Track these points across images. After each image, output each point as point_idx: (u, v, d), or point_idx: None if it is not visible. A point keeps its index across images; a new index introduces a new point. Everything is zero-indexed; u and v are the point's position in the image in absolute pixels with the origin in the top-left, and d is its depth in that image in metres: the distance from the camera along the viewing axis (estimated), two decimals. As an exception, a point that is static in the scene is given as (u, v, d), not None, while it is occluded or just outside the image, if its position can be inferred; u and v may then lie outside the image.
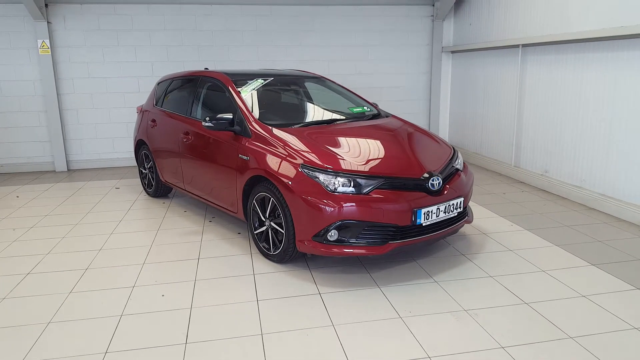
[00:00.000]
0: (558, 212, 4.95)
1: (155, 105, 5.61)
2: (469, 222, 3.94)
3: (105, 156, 7.71)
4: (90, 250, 4.17)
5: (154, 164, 5.52)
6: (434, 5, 8.04)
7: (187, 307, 3.14)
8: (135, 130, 6.00)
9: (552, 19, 5.61)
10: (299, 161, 3.51)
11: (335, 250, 3.36)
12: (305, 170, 3.45)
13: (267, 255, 3.88)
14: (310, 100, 4.87)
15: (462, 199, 3.68)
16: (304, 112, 4.71)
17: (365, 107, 4.77)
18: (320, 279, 3.51)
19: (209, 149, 4.43)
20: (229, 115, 4.12)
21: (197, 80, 5.00)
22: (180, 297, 3.27)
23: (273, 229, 3.76)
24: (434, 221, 3.48)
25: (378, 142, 3.91)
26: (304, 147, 3.65)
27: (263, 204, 3.83)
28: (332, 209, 3.28)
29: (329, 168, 3.42)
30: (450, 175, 3.75)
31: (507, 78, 6.60)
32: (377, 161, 3.60)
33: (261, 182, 3.81)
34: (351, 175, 3.38)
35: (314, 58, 7.94)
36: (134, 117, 7.54)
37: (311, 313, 3.04)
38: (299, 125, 4.16)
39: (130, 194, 6.04)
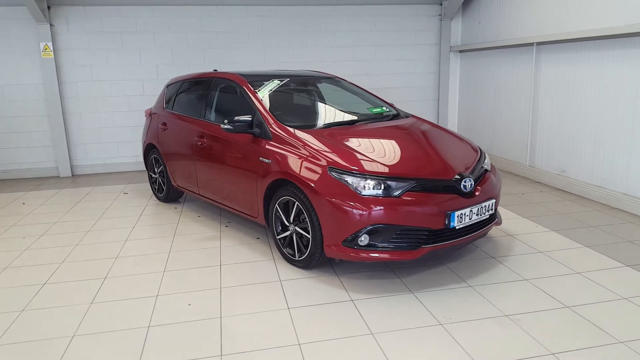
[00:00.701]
0: (581, 212, 4.86)
1: (166, 108, 5.47)
2: (499, 224, 3.85)
3: (110, 161, 7.55)
4: (106, 258, 4.03)
5: (165, 168, 5.38)
6: (441, 4, 7.96)
7: (217, 317, 3.01)
8: (144, 134, 5.86)
9: (569, 16, 5.54)
10: (326, 164, 3.40)
11: (365, 255, 3.24)
12: (333, 173, 3.33)
13: (291, 261, 3.76)
14: (328, 101, 4.75)
15: (493, 201, 3.58)
16: (323, 113, 4.60)
17: (384, 107, 4.67)
18: (349, 285, 3.39)
19: (226, 152, 4.31)
20: (249, 117, 4.00)
21: (210, 82, 4.87)
22: (208, 306, 3.14)
23: (298, 233, 3.64)
24: (467, 224, 3.37)
25: (404, 142, 3.80)
26: (329, 149, 3.53)
27: (286, 208, 3.71)
28: (363, 212, 3.17)
29: (358, 170, 3.31)
30: (480, 176, 3.65)
31: (520, 77, 6.53)
32: (406, 162, 3.49)
33: (284, 185, 3.69)
34: (381, 177, 3.27)
35: (321, 59, 7.83)
36: (139, 121, 7.42)
37: (347, 321, 2.92)
38: (320, 126, 4.05)
39: (139, 199, 5.89)
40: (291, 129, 3.83)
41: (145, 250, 4.19)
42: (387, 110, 4.63)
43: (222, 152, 4.36)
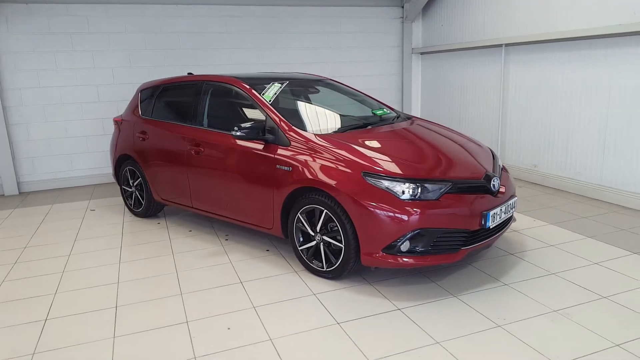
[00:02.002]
0: (566, 204, 5.13)
1: (143, 115, 5.04)
2: (515, 221, 3.93)
3: (63, 175, 6.85)
4: (106, 284, 3.61)
5: (145, 180, 4.95)
6: (403, 7, 8.09)
7: (266, 339, 2.78)
8: (114, 145, 5.37)
9: (538, 19, 5.82)
10: (359, 169, 3.28)
11: (406, 261, 3.15)
12: (369, 178, 3.22)
13: (317, 272, 3.59)
14: (331, 104, 4.61)
15: (516, 198, 3.65)
16: (331, 117, 4.42)
17: (384, 109, 4.62)
18: (389, 293, 3.30)
19: (231, 161, 4.04)
20: (261, 123, 3.78)
21: (200, 86, 4.55)
22: (251, 329, 2.90)
23: (325, 243, 3.48)
24: (498, 223, 3.41)
25: (427, 144, 3.77)
26: (357, 153, 3.41)
27: (309, 217, 3.54)
28: (406, 217, 3.08)
29: (394, 174, 3.22)
30: (500, 175, 3.71)
31: (489, 77, 6.78)
32: (438, 164, 3.46)
33: (307, 193, 3.51)
34: (419, 180, 3.20)
35: (288, 61, 7.65)
36: (94, 130, 6.84)
37: (405, 332, 2.82)
38: (335, 130, 3.89)
39: (111, 215, 5.38)
40: (309, 134, 3.66)
41: (147, 272, 3.81)
42: (388, 112, 4.59)
43: (226, 161, 4.07)
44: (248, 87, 4.12)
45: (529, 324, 2.85)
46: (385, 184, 3.18)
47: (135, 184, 5.15)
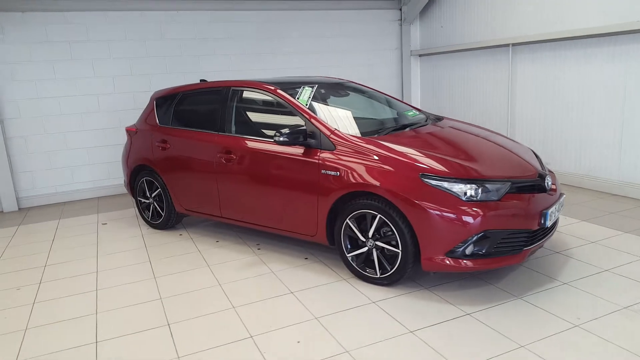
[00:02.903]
0: (589, 201, 5.17)
1: (161, 124, 4.84)
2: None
3: (64, 189, 6.52)
4: (149, 300, 3.41)
5: (166, 191, 4.75)
6: (401, 9, 8.10)
7: (342, 351, 2.65)
8: (126, 155, 5.15)
9: (546, 18, 5.89)
10: (416, 170, 3.19)
11: (471, 264, 3.07)
12: (428, 180, 3.14)
13: (369, 279, 3.48)
14: (359, 106, 4.52)
15: (565, 196, 3.63)
16: (367, 119, 4.31)
17: (414, 111, 4.56)
18: (451, 298, 3.21)
19: (267, 168, 3.89)
20: (303, 127, 3.66)
21: (225, 92, 4.38)
22: (321, 341, 2.77)
23: (379, 248, 3.38)
24: (553, 221, 3.38)
25: (474, 145, 3.72)
26: (409, 155, 3.32)
27: (360, 222, 3.44)
28: (471, 220, 3.01)
29: (454, 175, 3.15)
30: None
31: (495, 77, 6.83)
32: (492, 164, 3.40)
33: (359, 198, 3.41)
34: (479, 181, 3.14)
35: (289, 66, 7.54)
36: (96, 141, 6.57)
37: (485, 337, 2.73)
38: (377, 132, 3.79)
39: (127, 228, 5.14)
40: (354, 137, 3.56)
41: (188, 286, 3.61)
42: (417, 113, 4.53)
43: (261, 167, 3.92)
44: (282, 92, 3.99)
45: (605, 322, 2.81)
46: (445, 185, 3.11)
47: (154, 195, 4.93)
